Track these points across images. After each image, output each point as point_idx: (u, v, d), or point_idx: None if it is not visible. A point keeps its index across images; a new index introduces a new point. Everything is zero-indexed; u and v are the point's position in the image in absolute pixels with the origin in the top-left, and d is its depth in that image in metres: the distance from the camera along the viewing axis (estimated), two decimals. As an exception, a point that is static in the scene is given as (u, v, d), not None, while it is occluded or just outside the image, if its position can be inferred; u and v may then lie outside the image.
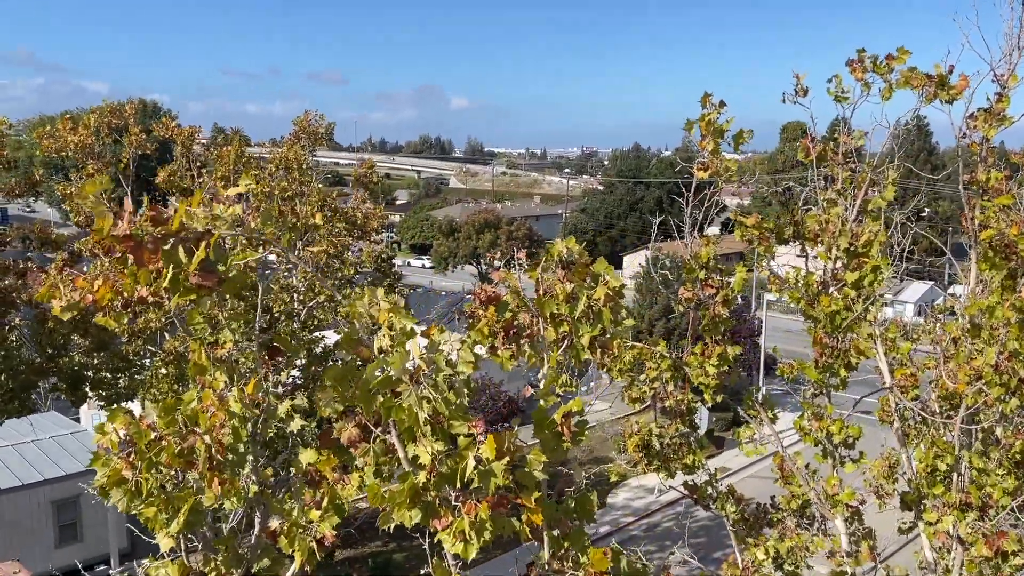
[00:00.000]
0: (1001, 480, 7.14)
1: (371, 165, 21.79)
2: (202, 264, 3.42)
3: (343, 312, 15.02)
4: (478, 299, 4.90)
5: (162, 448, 4.41)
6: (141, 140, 19.25)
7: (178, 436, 4.45)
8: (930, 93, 7.47)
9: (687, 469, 8.52)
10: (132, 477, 4.48)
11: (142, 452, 4.43)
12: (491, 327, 4.83)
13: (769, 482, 9.80)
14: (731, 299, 7.55)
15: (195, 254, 3.41)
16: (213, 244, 3.48)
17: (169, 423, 4.49)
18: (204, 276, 3.44)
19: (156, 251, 3.37)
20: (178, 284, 3.43)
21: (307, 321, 17.45)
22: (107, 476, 4.50)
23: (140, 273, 3.37)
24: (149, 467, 4.45)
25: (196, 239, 3.44)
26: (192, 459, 4.44)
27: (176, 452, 4.39)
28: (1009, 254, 6.90)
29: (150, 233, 3.38)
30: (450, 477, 4.03)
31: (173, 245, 3.40)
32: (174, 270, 3.41)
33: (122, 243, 3.37)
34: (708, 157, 7.52)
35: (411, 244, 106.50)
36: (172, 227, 3.43)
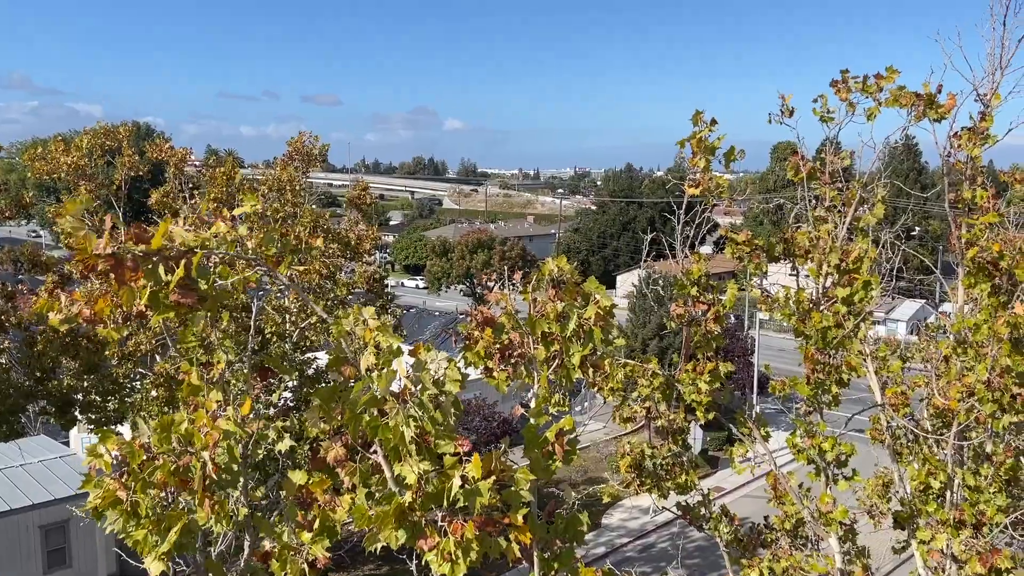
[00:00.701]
0: (994, 497, 7.13)
1: (365, 186, 21.82)
2: (182, 282, 3.43)
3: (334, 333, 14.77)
4: (474, 321, 4.90)
5: (156, 467, 4.38)
6: (134, 162, 19.26)
7: (172, 455, 4.42)
8: (919, 111, 7.53)
9: (680, 489, 8.49)
10: (126, 498, 4.44)
11: (136, 472, 4.40)
12: (487, 349, 4.82)
13: (763, 501, 9.77)
14: (723, 316, 7.56)
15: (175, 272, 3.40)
16: (196, 263, 3.49)
17: (163, 441, 4.45)
18: (183, 294, 3.45)
19: (136, 269, 3.39)
20: (158, 301, 3.44)
21: (299, 342, 17.40)
22: (101, 498, 4.45)
23: (122, 291, 3.38)
24: (144, 487, 4.41)
25: (178, 258, 3.45)
26: (187, 478, 4.41)
27: (171, 471, 4.36)
28: (992, 271, 6.94)
29: (131, 251, 3.39)
30: (436, 497, 4.00)
31: (154, 263, 3.41)
32: (153, 287, 3.41)
33: (104, 261, 3.38)
34: (699, 174, 7.56)
35: (404, 264, 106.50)
36: (153, 246, 3.44)
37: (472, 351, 4.81)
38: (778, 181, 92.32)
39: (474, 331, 4.83)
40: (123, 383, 17.83)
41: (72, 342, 16.59)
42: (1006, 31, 7.62)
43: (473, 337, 4.82)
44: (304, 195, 19.02)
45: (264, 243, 4.27)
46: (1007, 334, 6.57)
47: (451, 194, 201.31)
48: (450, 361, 4.11)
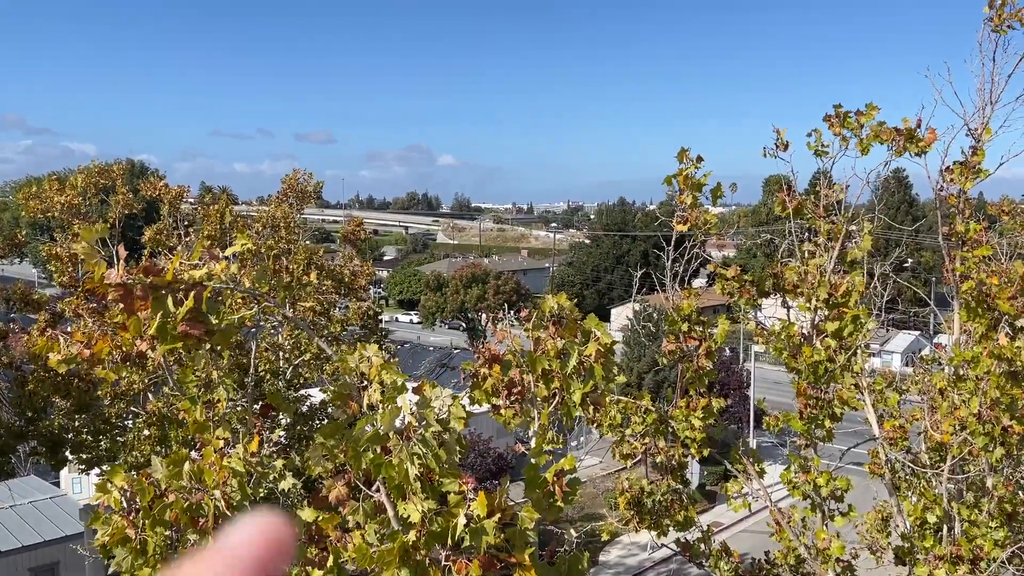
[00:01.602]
0: (991, 532, 7.08)
1: (359, 222, 21.90)
2: (190, 314, 3.45)
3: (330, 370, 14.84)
4: (480, 358, 4.88)
5: (167, 505, 4.32)
6: (128, 200, 19.29)
7: (184, 493, 4.37)
8: (899, 146, 7.61)
9: (679, 526, 8.41)
10: (135, 536, 4.38)
11: (147, 509, 4.34)
12: (494, 386, 4.80)
13: (763, 536, 9.68)
14: (714, 351, 7.55)
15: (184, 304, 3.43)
16: (206, 297, 3.51)
17: (174, 478, 4.41)
18: (192, 325, 3.47)
19: (146, 299, 3.41)
20: (165, 332, 3.45)
21: (293, 379, 17.31)
22: (110, 535, 4.38)
23: (130, 321, 3.40)
24: (153, 525, 4.35)
25: (187, 290, 3.48)
26: (198, 516, 4.36)
27: (183, 508, 4.31)
28: (991, 305, 6.96)
29: (142, 282, 3.42)
30: (440, 535, 3.95)
31: (163, 295, 3.43)
32: (162, 318, 3.42)
33: (114, 290, 3.40)
34: (687, 210, 7.60)
35: (399, 299, 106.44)
36: (165, 278, 3.47)
37: (480, 389, 4.79)
38: (770, 214, 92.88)
39: (481, 368, 4.81)
40: (115, 422, 17.66)
41: (64, 381, 16.45)
42: (995, 67, 7.74)
43: (481, 375, 4.80)
44: (298, 232, 19.05)
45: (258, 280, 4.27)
46: (994, 366, 6.58)
47: (445, 229, 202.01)
48: (454, 398, 4.09)
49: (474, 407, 4.53)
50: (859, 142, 7.74)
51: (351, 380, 4.08)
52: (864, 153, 7.84)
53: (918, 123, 7.53)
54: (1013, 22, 7.60)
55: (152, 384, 17.19)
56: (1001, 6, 7.62)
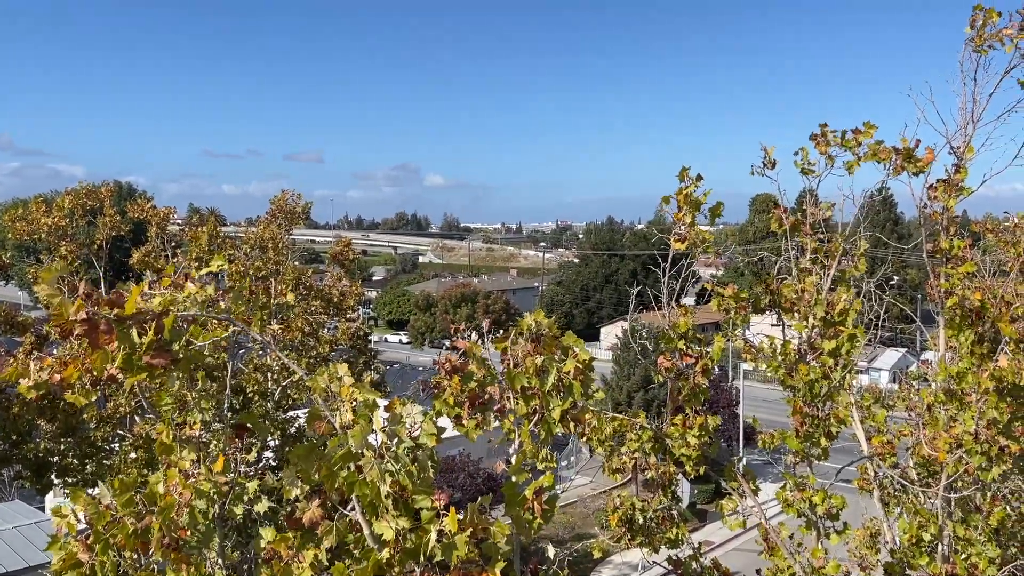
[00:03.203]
0: (985, 549, 7.09)
1: (347, 243, 21.86)
2: (155, 344, 3.46)
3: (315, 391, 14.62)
4: (442, 369, 4.91)
5: (117, 529, 4.29)
6: (116, 222, 19.22)
7: (135, 517, 4.34)
8: (897, 166, 7.69)
9: (671, 543, 8.38)
10: (88, 560, 4.36)
11: (99, 533, 4.31)
12: (456, 397, 4.82)
13: (753, 555, 9.65)
14: (710, 369, 7.57)
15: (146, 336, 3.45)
16: (169, 324, 3.52)
17: (127, 503, 4.38)
18: (157, 355, 3.49)
19: (110, 332, 3.41)
20: (131, 364, 3.48)
21: (281, 401, 17.19)
22: (62, 560, 4.36)
23: (96, 354, 3.41)
24: (104, 549, 4.33)
25: (151, 320, 3.49)
26: (147, 540, 4.32)
27: (130, 533, 4.28)
28: (975, 319, 7.02)
29: (105, 316, 3.42)
30: (414, 552, 3.96)
31: (127, 326, 3.44)
32: (127, 351, 3.43)
33: (79, 325, 3.42)
34: (686, 229, 7.64)
35: (388, 320, 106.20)
36: (126, 310, 3.46)
37: (440, 399, 4.80)
38: (757, 233, 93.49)
39: (442, 379, 4.83)
40: (101, 446, 17.49)
41: (49, 405, 16.30)
42: (977, 86, 7.85)
43: (441, 385, 4.81)
44: (287, 252, 19.01)
45: (233, 301, 4.28)
46: (993, 386, 6.61)
47: (434, 249, 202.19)
48: (425, 415, 4.10)
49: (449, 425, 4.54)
50: (856, 160, 7.80)
51: (323, 400, 4.08)
52: (851, 172, 7.91)
53: (916, 143, 7.60)
54: (994, 42, 7.72)
55: (139, 407, 17.04)
56: (982, 26, 7.74)
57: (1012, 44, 7.65)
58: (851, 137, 7.82)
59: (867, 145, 7.77)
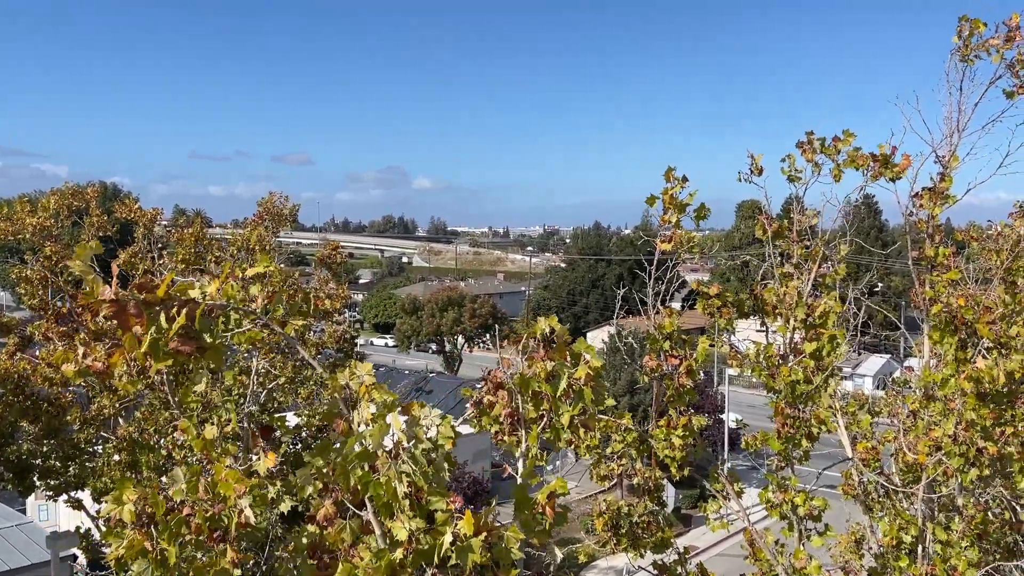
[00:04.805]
0: (965, 552, 7.16)
1: (335, 246, 21.80)
2: (183, 330, 3.46)
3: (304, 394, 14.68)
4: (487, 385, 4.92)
5: (183, 517, 4.28)
6: (102, 222, 19.11)
7: (203, 504, 4.34)
8: (875, 172, 7.79)
9: (656, 548, 8.42)
10: (153, 548, 4.34)
11: (164, 523, 4.29)
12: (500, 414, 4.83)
13: (738, 560, 9.70)
14: (695, 370, 7.62)
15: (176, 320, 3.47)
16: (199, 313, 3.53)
17: (192, 490, 4.37)
18: (183, 342, 3.49)
19: (139, 315, 3.41)
20: (157, 349, 3.48)
21: (267, 403, 17.12)
22: (126, 548, 4.31)
23: (125, 337, 3.41)
24: (172, 537, 4.31)
25: (180, 306, 3.50)
26: (219, 527, 4.32)
27: (205, 519, 4.27)
28: (958, 326, 7.10)
29: (135, 298, 3.43)
30: (427, 554, 3.95)
31: (156, 311, 3.45)
32: (155, 335, 3.43)
33: (108, 306, 3.42)
34: (671, 230, 7.69)
35: (374, 323, 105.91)
36: (158, 294, 3.49)
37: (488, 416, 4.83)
38: (743, 238, 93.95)
39: (486, 396, 4.84)
40: (84, 448, 17.36)
41: (32, 406, 16.16)
42: (962, 96, 7.94)
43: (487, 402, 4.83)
44: (274, 255, 18.95)
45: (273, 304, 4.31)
46: (971, 388, 6.69)
47: (421, 252, 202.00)
48: (443, 417, 4.11)
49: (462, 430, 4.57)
50: (835, 167, 7.90)
51: (340, 399, 4.10)
52: (837, 179, 8.00)
53: (893, 150, 7.71)
54: (980, 52, 7.82)
55: (123, 409, 16.92)
56: (968, 36, 7.84)
57: (998, 55, 7.75)
58: (831, 144, 7.92)
59: (846, 152, 7.87)
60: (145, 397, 15.83)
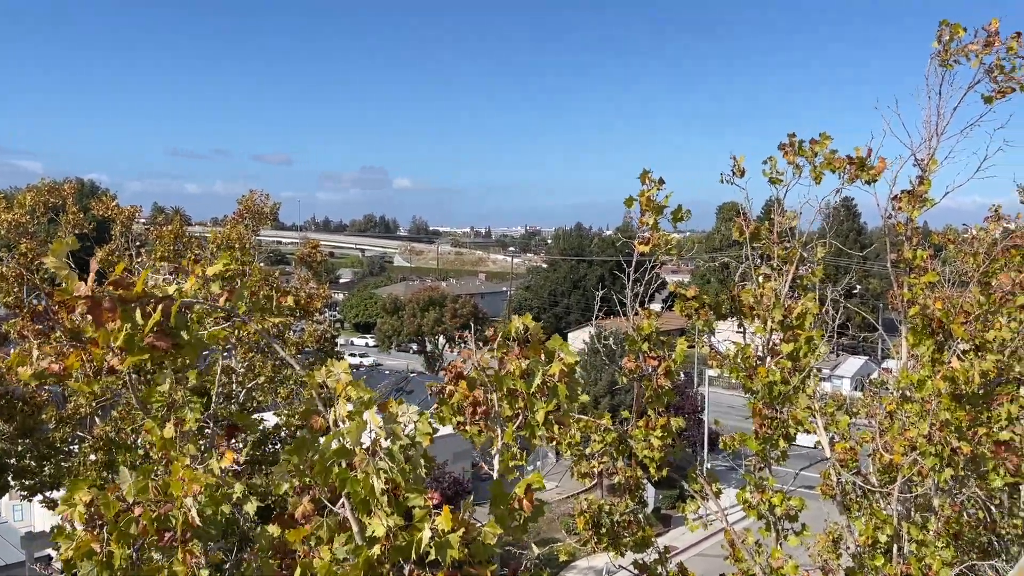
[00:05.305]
0: (940, 551, 7.23)
1: (315, 245, 21.70)
2: (158, 326, 3.44)
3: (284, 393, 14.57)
4: (448, 375, 4.93)
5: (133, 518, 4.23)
6: (79, 219, 18.90)
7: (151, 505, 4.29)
8: (851, 174, 7.86)
9: (636, 546, 8.44)
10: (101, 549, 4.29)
11: (112, 523, 4.25)
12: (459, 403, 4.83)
13: (717, 560, 9.75)
14: (673, 371, 7.65)
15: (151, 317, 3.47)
16: (175, 310, 3.51)
17: (142, 491, 4.32)
18: (159, 338, 3.48)
19: (114, 311, 3.39)
20: (132, 344, 3.47)
21: (246, 403, 17.01)
22: (74, 549, 4.27)
23: (99, 333, 3.40)
24: (119, 538, 4.26)
25: (156, 303, 3.48)
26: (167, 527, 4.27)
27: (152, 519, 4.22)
28: (935, 328, 7.17)
29: (111, 295, 3.40)
30: (405, 550, 3.94)
31: (132, 308, 3.43)
32: (130, 330, 3.42)
33: (83, 302, 3.42)
34: (648, 232, 7.72)
35: (355, 323, 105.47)
36: (134, 291, 3.48)
37: (447, 405, 4.83)
38: (724, 240, 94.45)
39: (447, 385, 4.85)
40: (60, 447, 17.16)
41: (6, 404, 15.96)
42: (941, 100, 8.02)
43: (447, 391, 4.84)
44: (253, 253, 18.82)
45: (235, 300, 4.26)
46: (946, 389, 6.76)
47: (402, 252, 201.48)
48: (421, 414, 4.10)
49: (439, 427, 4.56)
50: (812, 170, 7.97)
51: (317, 396, 4.08)
52: (817, 182, 8.06)
53: (868, 152, 7.79)
54: (959, 57, 7.91)
55: (99, 408, 16.74)
56: (948, 41, 7.92)
57: (977, 59, 7.83)
58: (808, 147, 7.98)
59: (823, 155, 7.94)
60: (122, 396, 15.66)
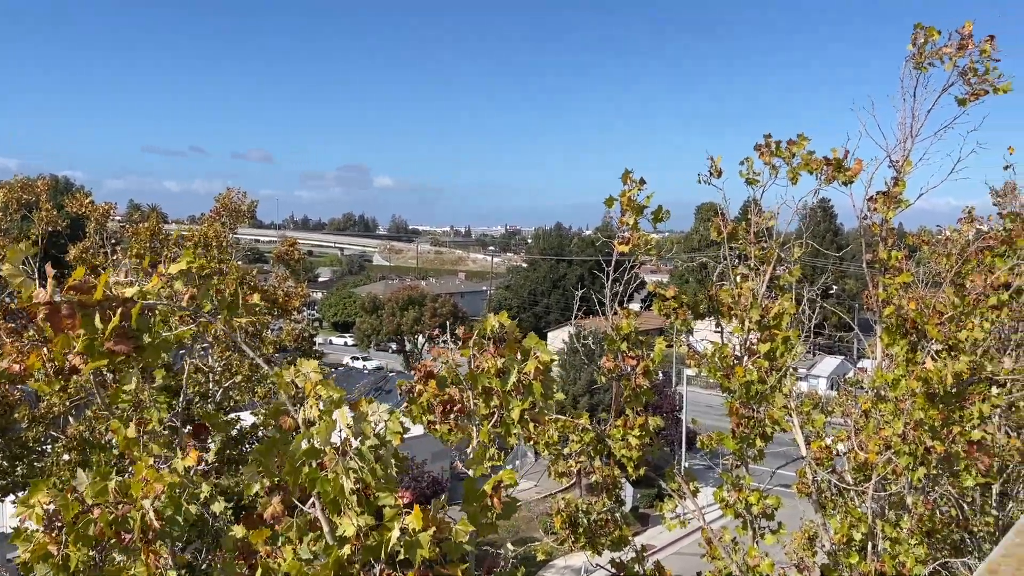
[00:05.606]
0: (913, 549, 7.32)
1: (292, 243, 21.58)
2: (118, 330, 3.40)
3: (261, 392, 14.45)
4: (418, 374, 4.91)
5: (91, 520, 4.17)
6: (52, 216, 18.68)
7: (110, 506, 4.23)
8: (828, 175, 7.94)
9: (614, 545, 8.46)
10: (58, 551, 4.23)
11: (70, 525, 4.19)
12: (429, 402, 4.82)
13: (694, 559, 9.80)
14: (652, 371, 7.68)
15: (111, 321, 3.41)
16: (135, 313, 3.47)
17: (100, 492, 4.26)
18: (119, 342, 3.43)
19: (73, 317, 3.34)
20: (93, 349, 3.43)
21: (223, 402, 16.88)
22: (31, 551, 4.22)
23: (58, 339, 3.35)
24: (77, 540, 4.20)
25: (117, 307, 3.44)
26: (125, 530, 4.21)
27: (109, 521, 4.16)
28: (909, 328, 7.26)
29: (69, 300, 3.36)
30: (375, 550, 3.92)
31: (91, 312, 3.39)
32: (89, 336, 3.38)
33: (42, 309, 3.39)
34: (629, 232, 7.74)
35: (333, 322, 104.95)
36: (94, 296, 3.42)
37: (416, 404, 4.81)
38: (702, 240, 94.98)
39: (417, 384, 4.84)
40: (33, 447, 16.93)
41: (-22, 403, 15.72)
42: (916, 102, 8.12)
43: (416, 390, 4.82)
44: (231, 251, 18.69)
45: (200, 298, 4.22)
46: (919, 388, 6.84)
47: (382, 250, 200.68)
48: (391, 412, 4.08)
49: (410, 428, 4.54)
50: (789, 171, 8.03)
51: (287, 395, 4.05)
52: (794, 182, 8.12)
53: (845, 154, 7.86)
54: (934, 60, 8.00)
55: (73, 407, 16.54)
56: (923, 44, 8.02)
57: (951, 62, 7.93)
58: (786, 148, 8.04)
59: (800, 156, 8.00)
60: (96, 395, 15.48)
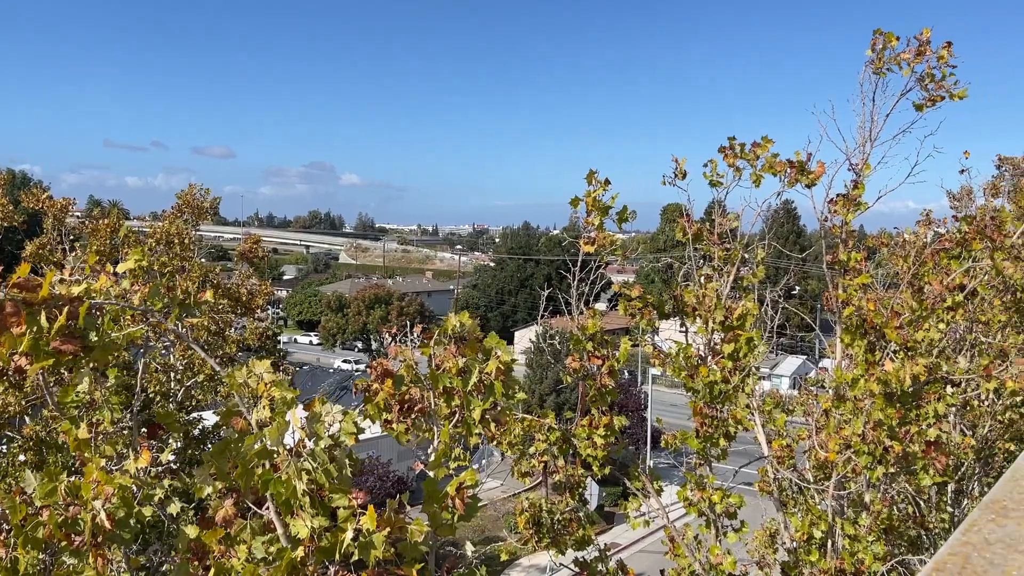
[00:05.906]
0: (871, 546, 7.45)
1: (256, 240, 21.32)
2: (65, 330, 3.32)
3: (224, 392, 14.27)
4: (374, 373, 4.86)
5: (40, 522, 4.08)
6: (7, 211, 18.25)
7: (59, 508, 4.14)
8: (791, 178, 8.04)
9: (577, 545, 8.49)
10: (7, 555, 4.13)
11: (18, 527, 4.09)
12: (386, 401, 4.79)
13: (659, 556, 9.87)
14: (616, 370, 7.71)
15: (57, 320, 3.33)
16: (83, 312, 3.39)
17: (49, 494, 4.16)
18: (66, 341, 3.35)
19: (17, 315, 3.26)
20: (38, 349, 3.33)
21: (184, 401, 16.64)
22: None
23: (4, 338, 3.26)
24: (26, 542, 4.10)
25: (62, 306, 3.35)
26: (75, 532, 4.12)
27: (58, 523, 4.07)
28: (867, 329, 7.38)
29: (13, 298, 3.28)
30: (329, 551, 3.89)
31: (37, 310, 3.30)
32: (35, 335, 3.29)
33: None
34: (594, 232, 7.77)
35: (298, 320, 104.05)
36: (39, 294, 3.33)
37: (371, 403, 4.76)
38: (668, 241, 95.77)
39: (373, 383, 4.79)
40: (-13, 447, 16.55)
41: (-71, 403, 15.32)
42: (875, 106, 8.25)
43: (372, 390, 4.77)
44: (194, 249, 18.42)
45: (150, 297, 4.13)
46: (879, 389, 6.96)
47: (348, 249, 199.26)
48: (345, 414, 4.04)
49: (371, 427, 4.51)
50: (752, 173, 8.11)
51: (239, 397, 3.99)
52: (757, 185, 8.21)
53: (808, 156, 7.97)
54: (892, 65, 8.15)
55: (29, 407, 16.19)
56: (882, 50, 8.15)
57: (909, 68, 8.08)
58: (750, 150, 8.13)
59: (764, 158, 8.10)
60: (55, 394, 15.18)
